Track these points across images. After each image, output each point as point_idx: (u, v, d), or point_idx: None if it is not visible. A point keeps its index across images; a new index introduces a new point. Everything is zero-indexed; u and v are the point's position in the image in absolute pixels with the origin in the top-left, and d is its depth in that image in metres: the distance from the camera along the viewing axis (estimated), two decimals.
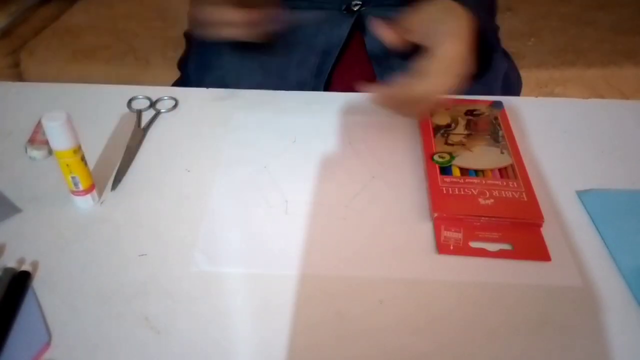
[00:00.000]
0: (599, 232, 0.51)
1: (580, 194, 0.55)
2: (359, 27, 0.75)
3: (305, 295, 0.46)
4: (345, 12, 0.75)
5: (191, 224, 0.52)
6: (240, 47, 0.65)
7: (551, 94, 1.19)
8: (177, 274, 0.47)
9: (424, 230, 0.51)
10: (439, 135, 0.61)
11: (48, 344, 0.42)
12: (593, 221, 0.52)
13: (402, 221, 0.52)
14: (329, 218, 0.53)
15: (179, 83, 0.87)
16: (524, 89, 0.84)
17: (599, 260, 0.49)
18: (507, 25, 0.85)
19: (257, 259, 0.49)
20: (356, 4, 0.74)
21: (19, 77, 1.34)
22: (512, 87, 0.81)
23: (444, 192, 0.54)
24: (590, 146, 0.61)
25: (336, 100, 0.69)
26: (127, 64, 1.29)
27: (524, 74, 0.84)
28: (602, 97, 0.63)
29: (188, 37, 0.89)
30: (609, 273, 0.48)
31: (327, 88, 0.77)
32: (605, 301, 0.45)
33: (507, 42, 0.83)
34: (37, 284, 0.46)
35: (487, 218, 0.52)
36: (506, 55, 0.84)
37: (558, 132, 0.63)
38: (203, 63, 0.77)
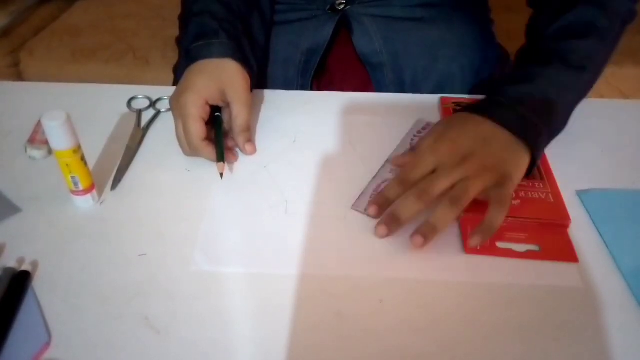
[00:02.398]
0: (599, 232, 0.51)
1: (581, 194, 0.55)
2: (346, 26, 0.75)
3: (305, 295, 0.46)
4: (330, 11, 0.74)
5: (191, 223, 0.52)
6: None
7: None
8: (177, 273, 0.47)
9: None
10: None
11: (48, 343, 0.42)
12: (593, 221, 0.52)
13: None
14: (329, 218, 0.53)
15: None
16: None
17: (599, 260, 0.49)
18: (507, 25, 0.85)
19: (257, 258, 0.49)
20: (340, 3, 0.73)
21: (19, 76, 1.34)
22: None
23: None
24: (590, 146, 0.61)
25: (336, 100, 0.69)
26: (127, 63, 1.29)
27: None
28: (602, 97, 0.63)
29: (178, 43, 0.88)
30: (609, 273, 0.48)
31: (319, 87, 0.77)
32: (605, 301, 0.45)
33: (507, 42, 0.83)
34: (37, 284, 0.46)
35: (513, 218, 0.51)
36: (505, 53, 0.84)
37: None
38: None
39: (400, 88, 0.74)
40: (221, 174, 0.56)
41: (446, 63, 0.74)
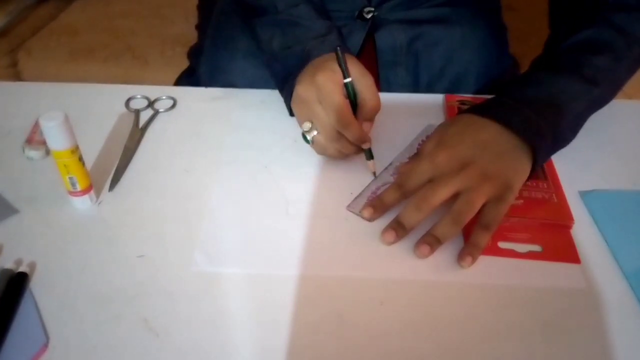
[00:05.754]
0: (601, 232, 0.51)
1: (583, 194, 0.55)
2: (374, 33, 0.74)
3: (305, 296, 0.45)
4: (358, 19, 0.73)
5: (190, 224, 0.52)
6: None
7: None
8: (176, 274, 0.47)
9: (424, 230, 0.51)
10: None
11: (46, 345, 0.41)
12: (595, 221, 0.52)
13: None
14: (330, 219, 0.52)
15: (187, 73, 0.86)
16: None
17: (602, 260, 0.48)
18: (508, 25, 0.85)
19: (258, 259, 0.49)
20: (369, 11, 0.73)
21: (17, 76, 1.34)
22: None
23: None
24: (592, 146, 0.61)
25: None
26: (125, 62, 1.29)
27: None
28: None
29: (201, 32, 0.88)
30: (612, 274, 0.47)
31: None
32: (607, 302, 0.45)
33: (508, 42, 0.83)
34: (35, 285, 0.46)
35: (516, 218, 0.51)
36: (516, 63, 0.83)
37: None
38: (216, 66, 0.76)
39: (414, 89, 0.73)
40: (374, 173, 0.56)
41: (462, 65, 0.73)
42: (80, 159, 0.50)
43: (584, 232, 0.51)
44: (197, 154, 0.60)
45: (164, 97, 0.68)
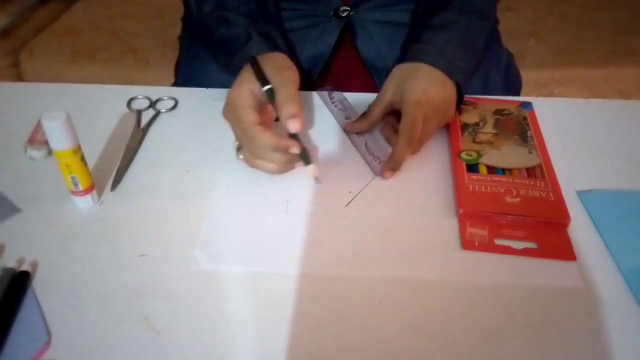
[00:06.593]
0: (599, 232, 0.51)
1: (581, 194, 0.55)
2: (350, 31, 0.74)
3: (305, 295, 0.46)
4: (333, 18, 0.74)
5: (191, 223, 0.52)
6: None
7: (551, 94, 1.19)
8: (177, 273, 0.47)
9: (424, 229, 0.51)
10: (466, 133, 0.61)
11: (48, 344, 0.42)
12: (593, 221, 0.52)
13: (403, 221, 0.52)
14: (330, 218, 0.53)
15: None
16: (524, 89, 0.84)
17: (599, 260, 0.49)
18: (507, 26, 0.85)
19: (258, 258, 0.49)
20: (344, 10, 0.73)
21: (19, 77, 1.34)
22: (514, 85, 0.81)
23: (470, 189, 0.54)
24: (590, 146, 0.61)
25: None
26: (127, 64, 1.29)
27: (524, 74, 0.84)
28: (602, 97, 0.63)
29: (181, 43, 0.88)
30: (609, 273, 0.48)
31: None
32: (605, 301, 0.45)
33: (507, 42, 0.83)
34: (37, 284, 0.46)
35: (513, 216, 0.52)
36: (510, 54, 0.83)
37: (558, 132, 0.63)
38: (191, 76, 0.76)
39: None
40: (316, 178, 0.55)
41: None
42: (82, 158, 0.51)
43: (582, 231, 0.51)
44: (198, 154, 0.60)
45: (165, 98, 0.69)
